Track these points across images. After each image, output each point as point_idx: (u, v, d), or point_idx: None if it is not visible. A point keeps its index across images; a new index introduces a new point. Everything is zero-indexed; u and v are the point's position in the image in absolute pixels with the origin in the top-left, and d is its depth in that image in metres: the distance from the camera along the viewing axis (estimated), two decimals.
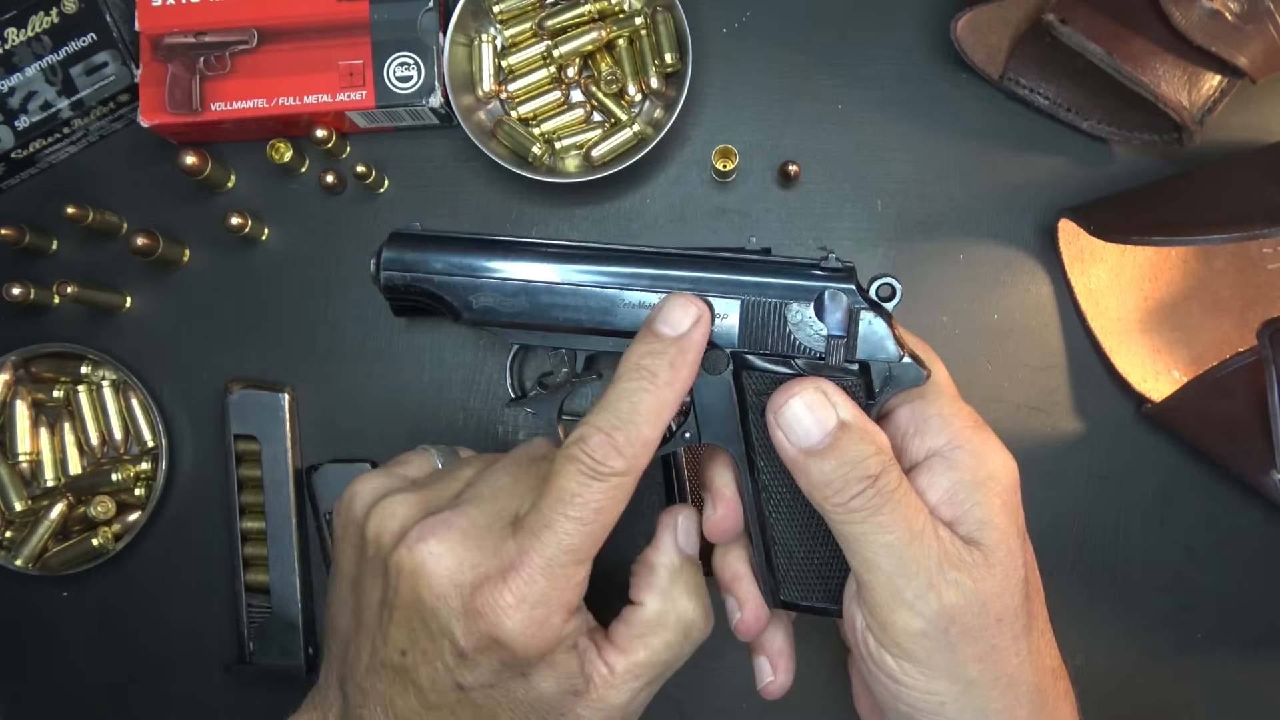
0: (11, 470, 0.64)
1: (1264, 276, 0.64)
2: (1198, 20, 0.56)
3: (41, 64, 0.63)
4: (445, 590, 0.41)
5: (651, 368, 0.43)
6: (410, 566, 0.42)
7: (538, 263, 0.48)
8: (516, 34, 0.64)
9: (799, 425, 0.43)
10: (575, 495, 0.42)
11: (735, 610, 0.49)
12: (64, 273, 0.64)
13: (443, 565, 0.41)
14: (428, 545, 0.42)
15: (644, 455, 0.43)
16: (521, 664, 0.42)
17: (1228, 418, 0.59)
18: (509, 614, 0.41)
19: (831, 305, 0.46)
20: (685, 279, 0.47)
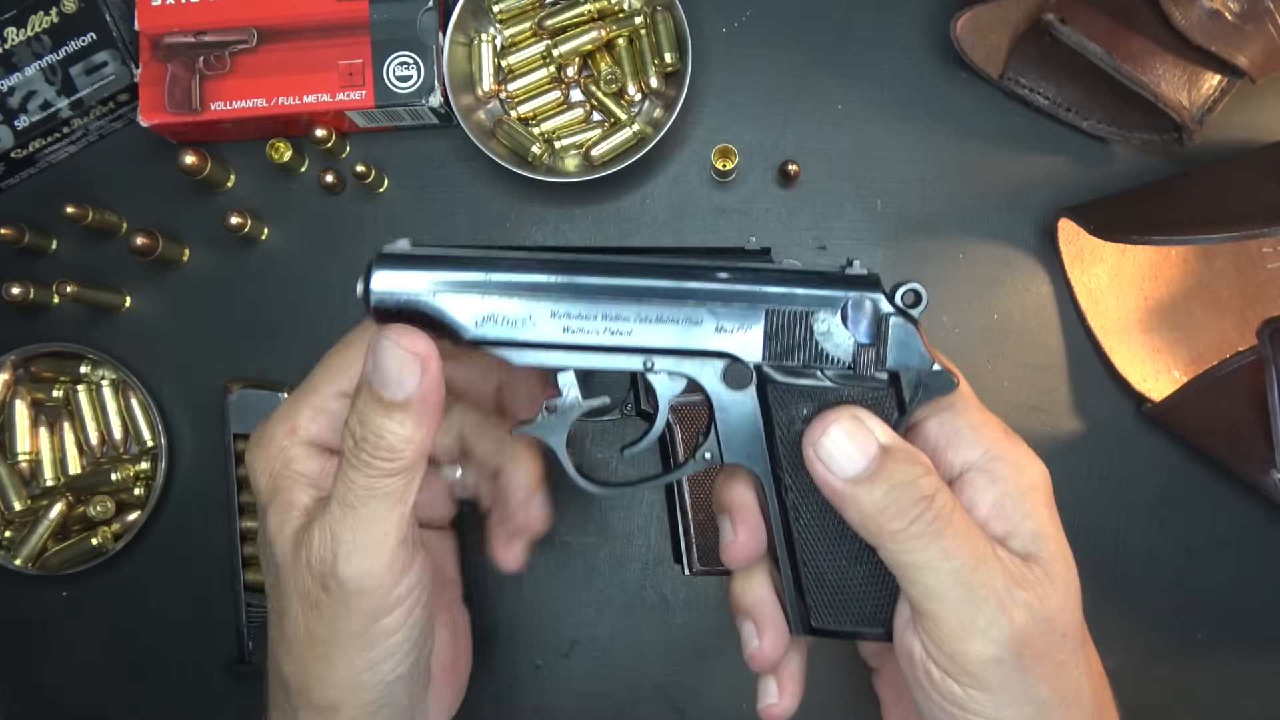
0: (11, 470, 0.64)
1: (1264, 276, 0.64)
2: (1197, 20, 0.56)
3: (41, 63, 0.63)
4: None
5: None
6: None
7: (541, 275, 0.44)
8: (516, 33, 0.64)
9: (840, 454, 0.40)
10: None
11: (753, 638, 0.46)
12: (63, 272, 0.64)
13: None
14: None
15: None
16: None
17: (1228, 417, 0.59)
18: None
19: (858, 313, 0.44)
20: (705, 291, 0.43)
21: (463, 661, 0.53)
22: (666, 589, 0.65)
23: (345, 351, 0.45)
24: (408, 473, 0.41)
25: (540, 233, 0.66)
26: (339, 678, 0.42)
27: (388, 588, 0.41)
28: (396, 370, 0.40)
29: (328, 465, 0.44)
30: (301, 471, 0.44)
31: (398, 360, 0.40)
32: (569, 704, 0.65)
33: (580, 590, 0.65)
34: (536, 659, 0.65)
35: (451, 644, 0.52)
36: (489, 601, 0.65)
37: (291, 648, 0.43)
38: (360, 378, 0.41)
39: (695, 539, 0.58)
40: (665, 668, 0.65)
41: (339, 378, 0.45)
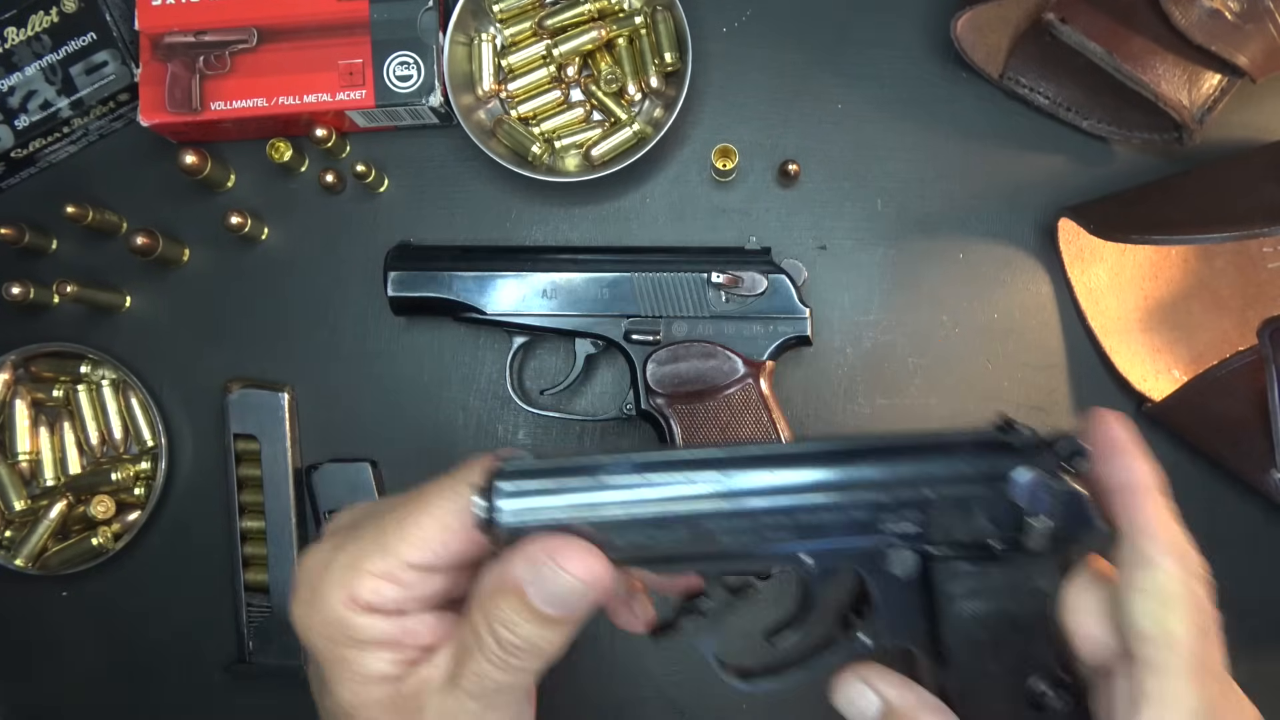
0: (11, 469, 0.64)
1: (1264, 275, 0.64)
2: (1197, 19, 0.56)
3: (41, 63, 0.63)
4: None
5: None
6: None
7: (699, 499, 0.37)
8: (516, 33, 0.64)
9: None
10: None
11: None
12: (64, 272, 0.64)
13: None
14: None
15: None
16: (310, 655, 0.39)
17: (1228, 417, 0.59)
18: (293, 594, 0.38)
19: (1025, 488, 0.38)
20: (866, 484, 0.37)
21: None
22: None
23: (428, 519, 0.37)
24: (542, 669, 0.38)
25: (540, 233, 0.66)
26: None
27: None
28: (565, 594, 0.36)
29: (403, 627, 0.38)
30: (370, 640, 0.38)
31: (569, 587, 0.36)
32: (569, 704, 0.65)
33: None
34: None
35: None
36: None
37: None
38: (504, 578, 0.36)
39: None
40: (665, 668, 0.65)
41: (417, 548, 0.37)
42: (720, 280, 0.59)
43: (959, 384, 0.65)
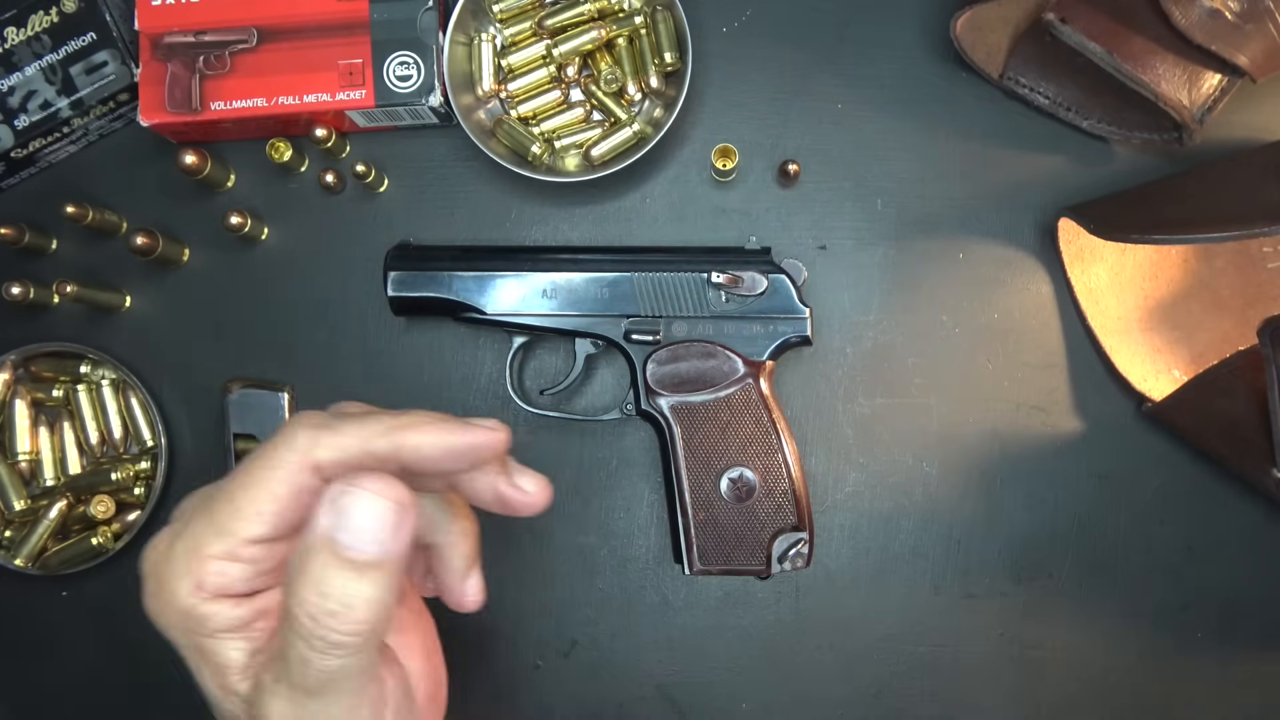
0: (11, 469, 0.64)
1: (1264, 275, 0.64)
2: (1197, 19, 0.56)
3: (41, 63, 0.63)
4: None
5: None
6: None
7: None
8: (516, 33, 0.64)
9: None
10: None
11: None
12: (63, 272, 0.64)
13: None
14: None
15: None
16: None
17: (1228, 417, 0.59)
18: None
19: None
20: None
21: (442, 677, 0.48)
22: (666, 589, 0.65)
23: (255, 491, 0.36)
24: (379, 639, 0.35)
25: (540, 233, 0.66)
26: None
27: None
28: (375, 526, 0.34)
29: (253, 608, 0.38)
30: (222, 629, 0.37)
31: (376, 513, 0.34)
32: (569, 704, 0.65)
33: (580, 590, 0.65)
34: (536, 659, 0.65)
35: (429, 668, 0.47)
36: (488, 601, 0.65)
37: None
38: (309, 536, 0.34)
39: (695, 539, 0.58)
40: (665, 668, 0.65)
41: (251, 522, 0.36)
42: (720, 280, 0.59)
43: (959, 384, 0.65)
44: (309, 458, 0.36)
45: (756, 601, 0.65)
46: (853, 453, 0.65)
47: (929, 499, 0.64)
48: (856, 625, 0.64)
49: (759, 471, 0.58)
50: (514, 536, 0.65)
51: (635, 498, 0.65)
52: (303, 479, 0.37)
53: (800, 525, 0.58)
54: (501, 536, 0.65)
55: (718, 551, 0.58)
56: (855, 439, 0.65)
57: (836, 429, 0.65)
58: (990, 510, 0.64)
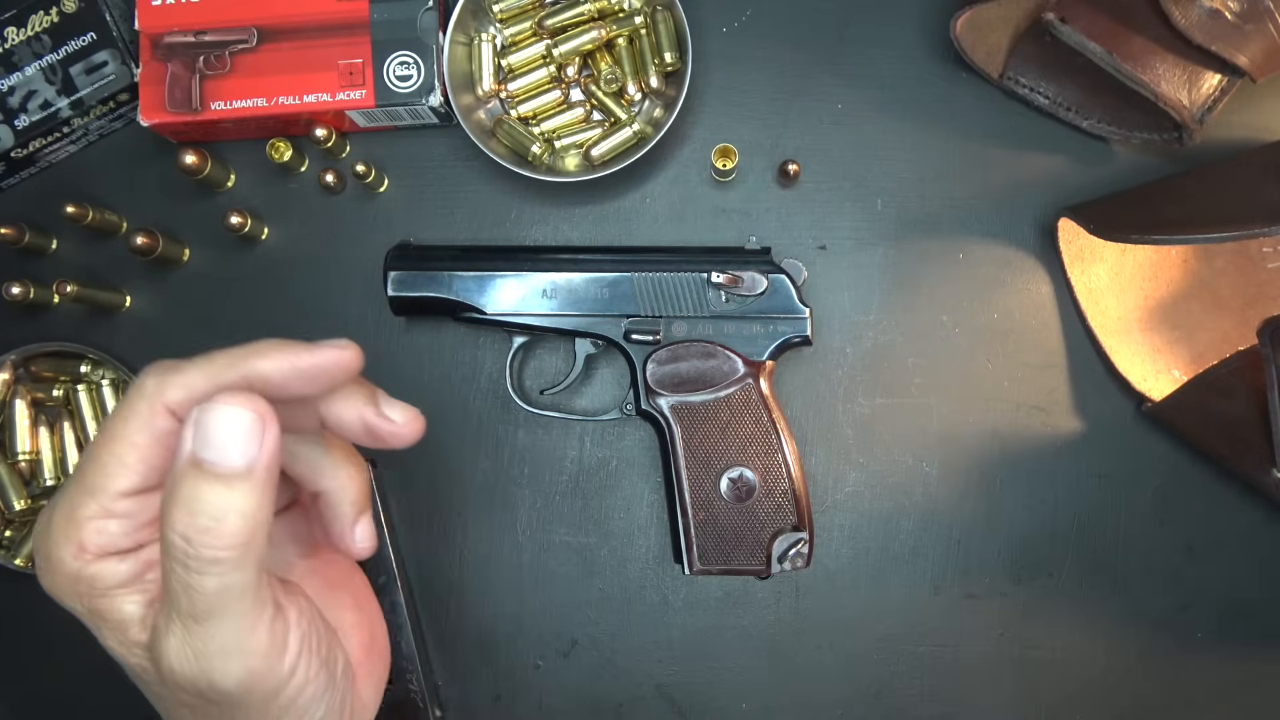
0: (11, 469, 0.64)
1: (1264, 275, 0.64)
2: (1197, 19, 0.56)
3: (41, 63, 0.63)
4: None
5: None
6: None
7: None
8: (516, 33, 0.64)
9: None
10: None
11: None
12: (63, 272, 0.64)
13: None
14: None
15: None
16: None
17: (1228, 417, 0.59)
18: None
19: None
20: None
21: (379, 632, 0.48)
22: (666, 589, 0.65)
23: (115, 444, 0.37)
24: (258, 553, 0.35)
25: (540, 233, 0.66)
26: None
27: (276, 669, 0.37)
28: (238, 438, 0.34)
29: (140, 561, 0.38)
30: (113, 586, 0.38)
31: (236, 424, 0.35)
32: (569, 704, 0.65)
33: (580, 590, 0.65)
34: (536, 659, 0.65)
35: (363, 622, 0.47)
36: (489, 601, 0.65)
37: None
38: (176, 463, 0.35)
39: (695, 539, 0.58)
40: (665, 668, 0.65)
41: (118, 476, 0.37)
42: (720, 280, 0.59)
43: (959, 384, 0.65)
44: (159, 400, 0.37)
45: (756, 601, 0.65)
46: (853, 453, 0.65)
47: (929, 499, 0.64)
48: (856, 625, 0.64)
49: (759, 471, 0.58)
50: (514, 536, 0.65)
51: (635, 498, 0.65)
52: (158, 423, 0.37)
53: (800, 525, 0.58)
54: (502, 536, 0.65)
55: (718, 551, 0.58)
56: (855, 439, 0.65)
57: (836, 429, 0.65)
58: (990, 510, 0.64)
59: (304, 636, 0.39)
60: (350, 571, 0.48)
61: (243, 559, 0.35)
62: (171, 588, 0.35)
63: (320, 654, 0.40)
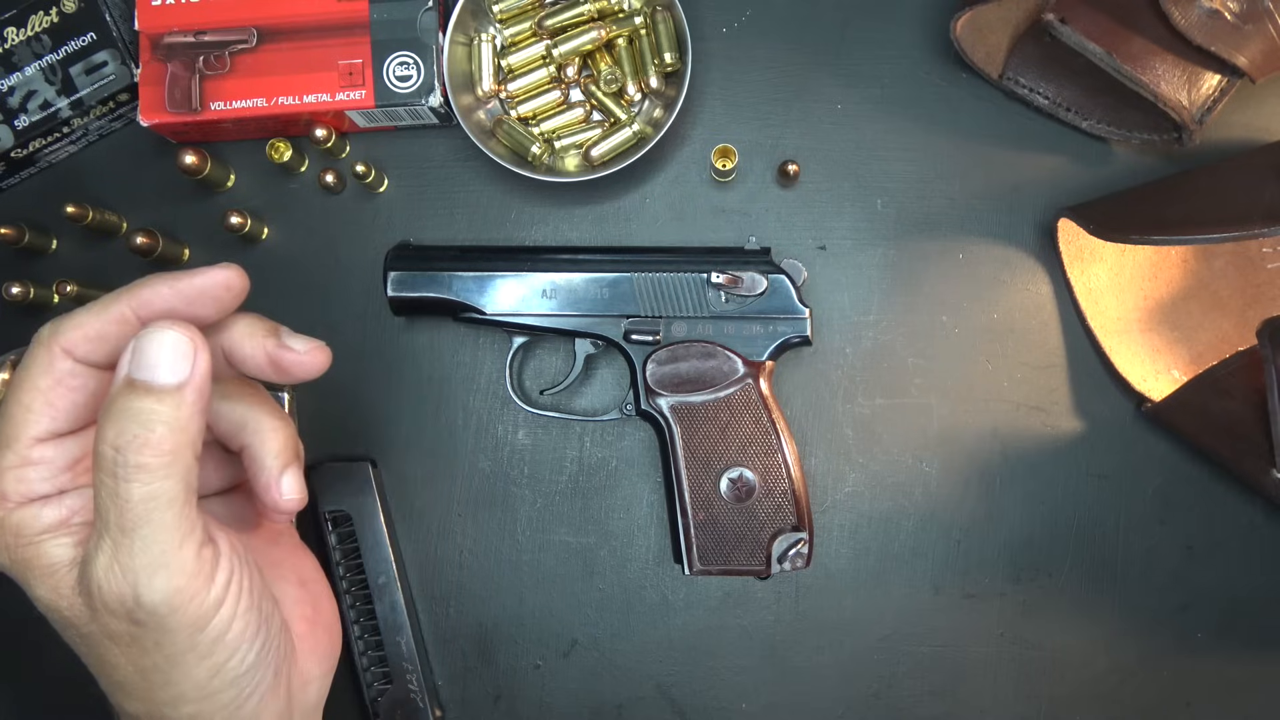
0: None
1: (1264, 276, 0.64)
2: (1197, 20, 0.56)
3: (41, 63, 0.63)
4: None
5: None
6: None
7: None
8: (516, 33, 0.64)
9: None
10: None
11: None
12: (64, 272, 0.64)
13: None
14: None
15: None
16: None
17: (1227, 417, 0.59)
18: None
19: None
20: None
21: (326, 609, 0.49)
22: (666, 589, 0.65)
23: (21, 393, 0.40)
24: (184, 469, 0.37)
25: (540, 233, 0.66)
26: (188, 694, 0.40)
27: (203, 593, 0.39)
28: (169, 357, 0.37)
29: (65, 507, 0.40)
30: (40, 531, 0.39)
31: (170, 346, 0.37)
32: (569, 704, 0.65)
33: (580, 590, 0.65)
34: (536, 659, 0.65)
35: (305, 597, 0.48)
36: (489, 601, 0.65)
37: (127, 688, 0.41)
38: (112, 387, 0.38)
39: (695, 539, 0.58)
40: (665, 668, 0.65)
41: (28, 423, 0.39)
42: (720, 280, 0.59)
43: (959, 384, 0.65)
44: (55, 344, 0.40)
45: (756, 601, 0.65)
46: (853, 453, 0.65)
47: (929, 499, 0.64)
48: (856, 625, 0.65)
49: (759, 471, 0.58)
50: (514, 536, 0.65)
51: (635, 498, 0.65)
52: (57, 365, 0.40)
53: (800, 525, 0.58)
54: (502, 536, 0.65)
55: (717, 552, 0.58)
56: (855, 439, 0.65)
57: (836, 429, 0.65)
58: (990, 510, 0.64)
59: (233, 571, 0.40)
60: (294, 550, 0.50)
61: (169, 469, 0.37)
62: (101, 502, 0.37)
63: (251, 594, 0.41)
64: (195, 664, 0.40)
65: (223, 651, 0.40)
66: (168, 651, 0.39)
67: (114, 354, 0.40)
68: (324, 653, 0.48)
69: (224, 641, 0.40)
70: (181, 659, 0.39)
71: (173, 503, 0.37)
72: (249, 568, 0.42)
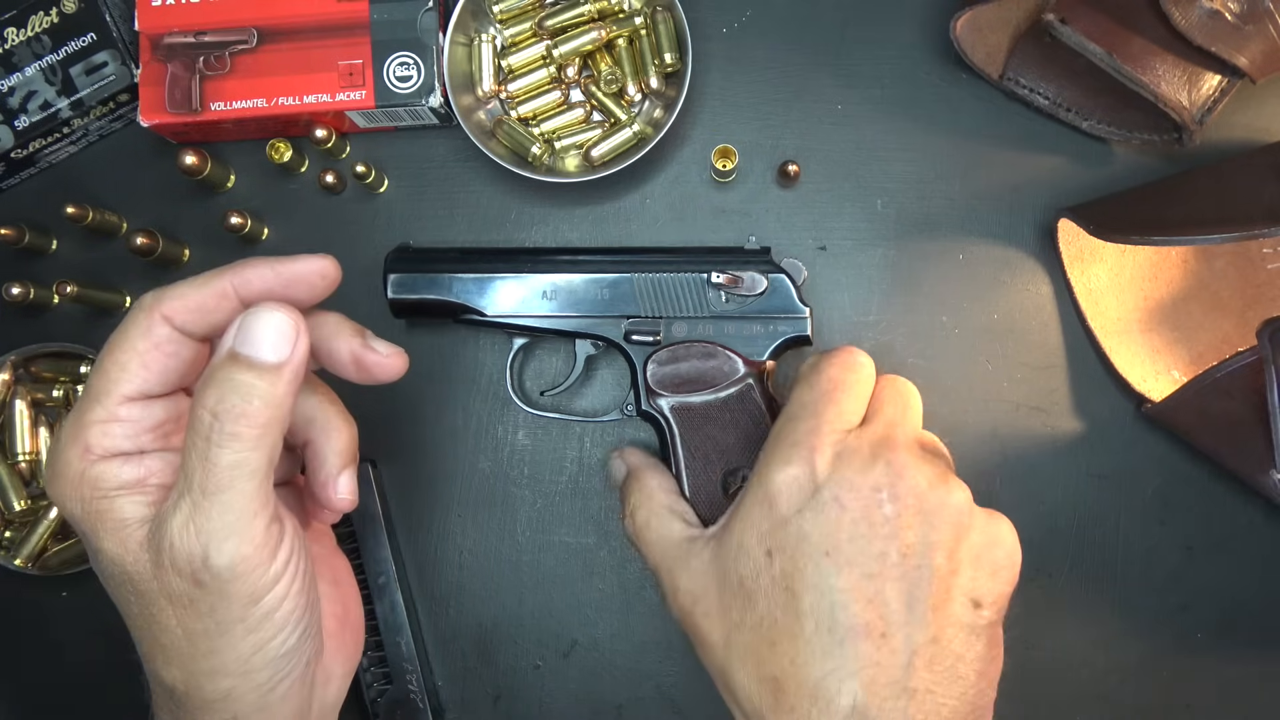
0: (11, 470, 0.64)
1: (1264, 276, 0.64)
2: (1197, 20, 0.56)
3: (41, 64, 0.63)
4: None
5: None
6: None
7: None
8: (516, 34, 0.64)
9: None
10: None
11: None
12: (64, 272, 0.64)
13: None
14: None
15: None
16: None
17: (1227, 417, 0.59)
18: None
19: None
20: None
21: (354, 611, 0.51)
22: None
23: (117, 352, 0.42)
24: (271, 444, 0.40)
25: (540, 233, 0.66)
26: (229, 666, 0.41)
27: (265, 566, 0.40)
28: (274, 337, 0.40)
29: (144, 467, 0.41)
30: (117, 487, 0.41)
31: (275, 327, 0.40)
32: (569, 704, 0.65)
33: (580, 590, 0.65)
34: (536, 659, 0.65)
35: (338, 596, 0.50)
36: (489, 601, 0.65)
37: (169, 653, 0.41)
38: (216, 357, 0.40)
39: None
40: (665, 668, 0.65)
41: (120, 381, 0.41)
42: (720, 280, 0.59)
43: (959, 384, 0.65)
44: (156, 310, 0.41)
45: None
46: None
47: None
48: None
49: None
50: (514, 536, 0.65)
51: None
52: (156, 330, 0.41)
53: None
54: (502, 536, 0.65)
55: None
56: None
57: None
58: None
59: (293, 551, 0.42)
60: (333, 552, 0.52)
61: (259, 441, 0.39)
62: (189, 464, 0.39)
63: (304, 578, 0.42)
64: (242, 637, 0.41)
65: (269, 628, 0.41)
66: (220, 618, 0.40)
67: (210, 326, 0.43)
68: (348, 653, 0.50)
69: (273, 619, 0.41)
70: (231, 629, 0.40)
71: (255, 474, 0.39)
72: (306, 553, 0.43)
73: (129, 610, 0.42)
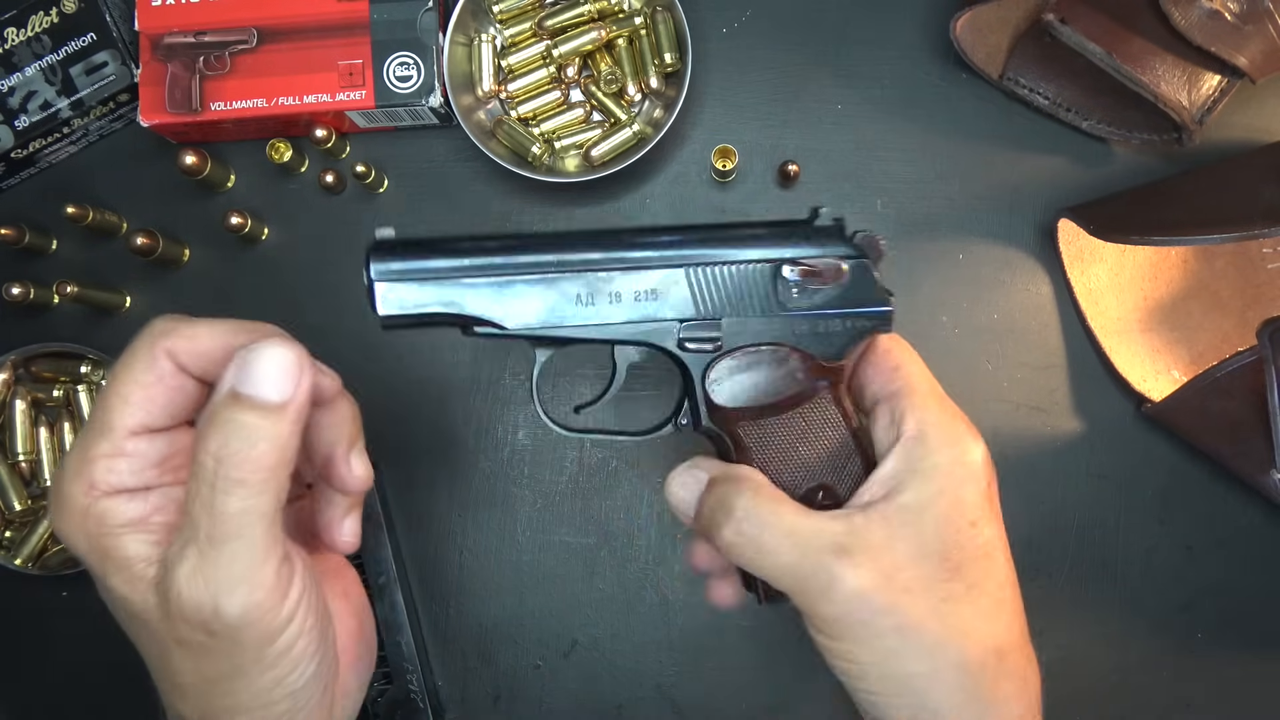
0: (11, 470, 0.64)
1: (1264, 276, 0.64)
2: (1197, 20, 0.56)
3: (41, 64, 0.63)
4: None
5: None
6: None
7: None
8: (516, 34, 0.64)
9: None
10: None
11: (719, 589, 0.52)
12: (64, 272, 0.64)
13: None
14: None
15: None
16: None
17: (1227, 417, 0.59)
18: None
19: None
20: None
21: (366, 623, 0.49)
22: (666, 589, 0.65)
23: (120, 384, 0.39)
24: (278, 486, 0.37)
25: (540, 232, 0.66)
26: (247, 703, 0.40)
27: (277, 609, 0.38)
28: (277, 374, 0.37)
29: (149, 504, 0.40)
30: (122, 524, 0.39)
31: (278, 364, 0.37)
32: (569, 704, 0.65)
33: (580, 590, 0.65)
34: (536, 659, 0.65)
35: (349, 610, 0.48)
36: (489, 601, 0.65)
37: (185, 692, 0.40)
38: (215, 396, 0.37)
39: None
40: (665, 668, 0.65)
41: (123, 413, 0.39)
42: (794, 276, 0.48)
43: (959, 384, 0.64)
44: (163, 343, 0.39)
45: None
46: None
47: None
48: None
49: (845, 487, 0.48)
50: (514, 536, 0.65)
51: (635, 498, 0.65)
52: (161, 364, 0.39)
53: None
54: (502, 536, 0.65)
55: None
56: None
57: None
58: None
59: (304, 588, 0.40)
60: (343, 565, 0.50)
61: (265, 485, 0.37)
62: (193, 512, 0.37)
63: (316, 610, 0.41)
64: (258, 676, 0.39)
65: (286, 665, 0.40)
66: (236, 662, 0.39)
67: (216, 373, 0.40)
68: (363, 667, 0.48)
69: (289, 656, 0.40)
70: (246, 670, 0.39)
71: (263, 518, 0.37)
72: (316, 585, 0.42)
73: (142, 647, 0.41)
